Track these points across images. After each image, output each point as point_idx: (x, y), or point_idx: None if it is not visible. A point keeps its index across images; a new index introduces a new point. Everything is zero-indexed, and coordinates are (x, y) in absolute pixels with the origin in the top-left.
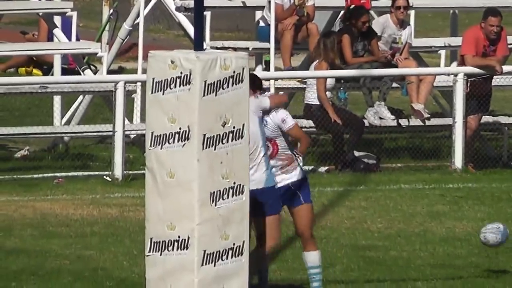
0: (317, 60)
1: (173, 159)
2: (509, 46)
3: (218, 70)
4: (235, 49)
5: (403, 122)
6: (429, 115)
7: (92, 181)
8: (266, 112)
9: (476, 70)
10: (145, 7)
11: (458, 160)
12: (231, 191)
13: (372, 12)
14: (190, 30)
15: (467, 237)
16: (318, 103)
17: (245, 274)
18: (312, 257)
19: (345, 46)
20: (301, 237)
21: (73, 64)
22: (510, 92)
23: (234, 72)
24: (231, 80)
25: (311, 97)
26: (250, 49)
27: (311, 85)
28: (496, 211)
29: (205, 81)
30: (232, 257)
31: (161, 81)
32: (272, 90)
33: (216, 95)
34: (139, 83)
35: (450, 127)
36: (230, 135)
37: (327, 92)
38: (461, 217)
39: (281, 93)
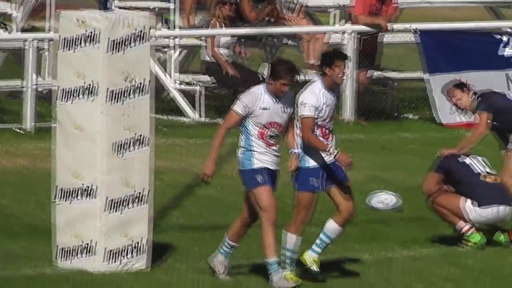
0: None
1: (80, 112)
2: (396, 5)
3: (123, 29)
4: (139, 9)
5: (298, 77)
6: None
7: (4, 133)
8: None
9: (366, 28)
10: None
11: (348, 112)
12: (134, 142)
13: None
14: None
15: (357, 185)
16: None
17: (146, 219)
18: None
19: (244, 5)
20: None
21: None
22: (398, 49)
23: (137, 30)
24: (135, 38)
25: (210, 54)
26: (153, 8)
27: (210, 43)
28: (385, 161)
29: (111, 39)
30: (134, 204)
31: (70, 39)
32: (175, 47)
33: (121, 52)
34: (49, 41)
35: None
36: (134, 89)
37: (226, 50)
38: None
39: None
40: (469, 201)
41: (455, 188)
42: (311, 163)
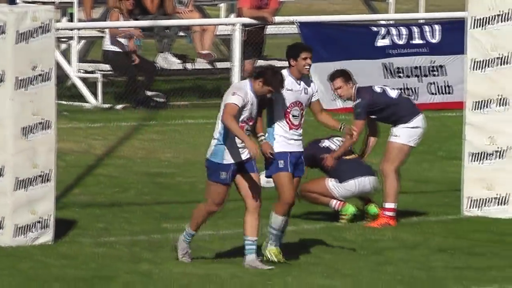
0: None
1: None
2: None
3: (29, 21)
4: (43, 3)
5: (189, 65)
6: (216, 56)
7: None
8: None
9: (252, 21)
10: None
11: None
12: (40, 126)
13: None
14: None
15: None
16: (114, 49)
17: (52, 197)
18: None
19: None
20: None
21: None
22: (281, 40)
23: (42, 23)
24: (40, 30)
25: (108, 43)
26: (57, 2)
27: (108, 34)
28: None
29: (18, 31)
30: (41, 183)
31: None
32: (76, 38)
33: (27, 43)
34: None
35: (229, 70)
36: (39, 77)
37: (132, 39)
38: None
39: None
40: (332, 180)
41: (323, 171)
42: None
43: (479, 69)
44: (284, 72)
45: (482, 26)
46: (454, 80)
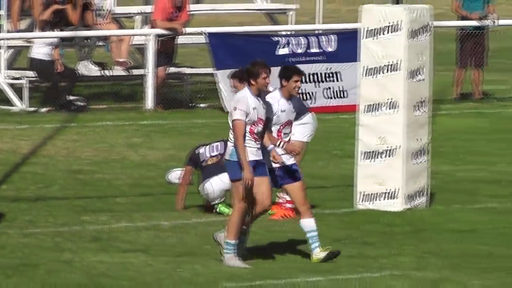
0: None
1: None
2: (189, 12)
3: None
4: None
5: (107, 72)
6: (131, 63)
7: None
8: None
9: (164, 32)
10: None
11: (149, 102)
12: None
13: None
14: None
15: (157, 162)
16: (40, 57)
17: None
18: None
19: (69, 12)
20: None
21: None
22: (191, 49)
23: None
24: None
25: (34, 52)
26: None
27: (35, 43)
28: (181, 143)
29: None
30: None
31: None
32: (4, 48)
33: None
34: None
35: (143, 76)
36: None
37: (56, 49)
38: (152, 147)
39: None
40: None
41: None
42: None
43: (371, 75)
44: (276, 92)
45: (374, 36)
46: (349, 85)
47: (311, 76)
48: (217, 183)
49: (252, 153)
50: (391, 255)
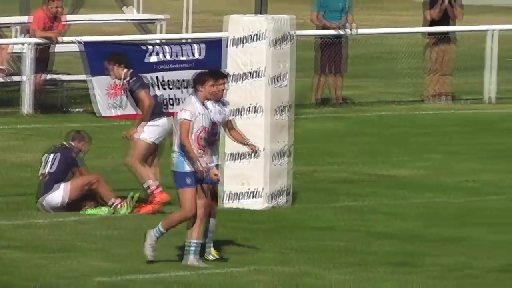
0: None
1: None
2: (64, 22)
3: None
4: None
5: None
6: (11, 70)
7: None
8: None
9: (42, 40)
10: None
11: (27, 107)
12: None
13: None
14: None
15: (34, 164)
16: None
17: None
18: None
19: None
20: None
21: None
22: (67, 56)
23: None
24: None
25: None
26: None
27: None
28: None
29: None
30: None
31: None
32: None
33: None
34: None
35: (21, 83)
36: None
37: None
38: (29, 149)
39: None
40: None
41: None
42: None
43: (236, 81)
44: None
45: (239, 45)
46: None
47: (179, 82)
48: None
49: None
50: (254, 251)
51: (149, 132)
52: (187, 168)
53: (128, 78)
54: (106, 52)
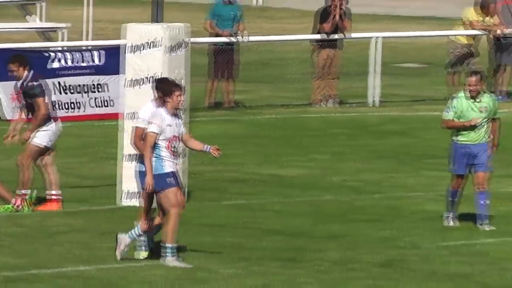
0: None
1: None
2: None
3: None
4: None
5: None
6: None
7: None
8: None
9: None
10: None
11: None
12: None
13: None
14: None
15: None
16: None
17: None
18: None
19: None
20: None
21: None
22: None
23: None
24: None
25: None
26: None
27: None
28: None
29: None
30: None
31: None
32: None
33: None
34: None
35: None
36: None
37: None
38: None
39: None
40: None
41: None
42: None
43: (133, 86)
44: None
45: (136, 51)
46: (114, 95)
47: (80, 87)
48: None
49: (170, 165)
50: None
51: (41, 137)
52: (166, 169)
53: (27, 80)
54: (6, 59)
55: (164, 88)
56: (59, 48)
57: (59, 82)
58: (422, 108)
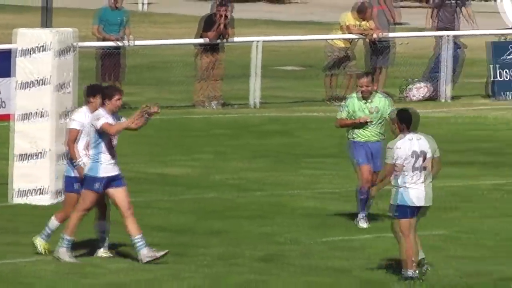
0: None
1: None
2: None
3: None
4: None
5: None
6: None
7: None
8: None
9: None
10: None
11: None
12: None
13: None
14: None
15: None
16: None
17: None
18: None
19: None
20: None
21: None
22: None
23: None
24: None
25: None
26: None
27: None
28: None
29: None
30: None
31: None
32: None
33: None
34: None
35: None
36: None
37: None
38: None
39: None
40: None
41: None
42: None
43: (25, 88)
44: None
45: (27, 55)
46: (6, 97)
47: None
48: None
49: (107, 169)
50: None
51: None
52: (101, 173)
53: None
54: None
55: (106, 92)
56: None
57: None
58: (301, 109)
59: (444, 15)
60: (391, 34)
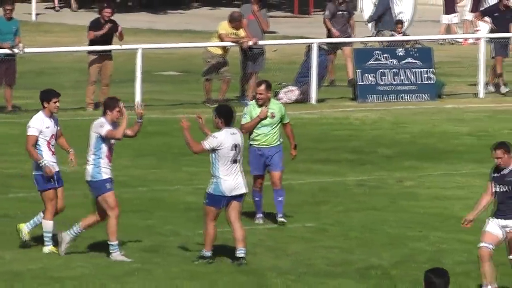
0: None
1: None
2: None
3: None
4: None
5: None
6: None
7: None
8: None
9: None
10: None
11: None
12: None
13: None
14: None
15: None
16: None
17: None
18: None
19: None
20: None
21: None
22: None
23: None
24: None
25: None
26: None
27: None
28: None
29: None
30: None
31: None
32: None
33: None
34: None
35: None
36: None
37: None
38: None
39: None
40: None
41: None
42: None
43: None
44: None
45: None
46: None
47: None
48: None
49: (106, 172)
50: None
51: None
52: (104, 176)
53: None
54: None
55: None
56: None
57: None
58: (181, 111)
59: (337, 24)
60: (261, 42)
